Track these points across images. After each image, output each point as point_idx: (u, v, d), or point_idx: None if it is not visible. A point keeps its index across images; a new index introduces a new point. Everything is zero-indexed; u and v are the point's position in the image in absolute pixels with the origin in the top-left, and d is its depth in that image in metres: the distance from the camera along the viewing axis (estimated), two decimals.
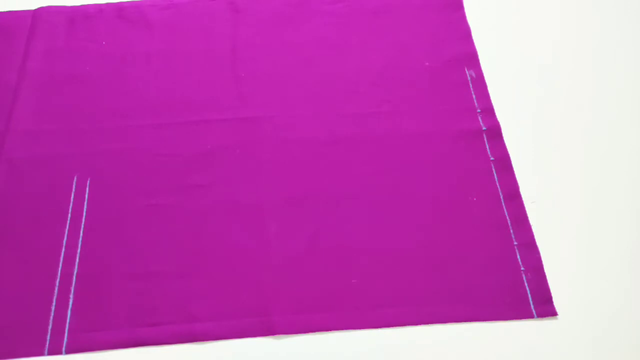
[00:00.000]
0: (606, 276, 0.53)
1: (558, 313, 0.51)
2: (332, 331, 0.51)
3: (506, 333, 0.51)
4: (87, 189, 0.59)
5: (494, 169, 0.60)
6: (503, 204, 0.57)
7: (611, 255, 0.55)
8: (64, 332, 0.51)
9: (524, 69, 0.68)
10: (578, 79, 0.67)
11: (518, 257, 0.54)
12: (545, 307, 0.51)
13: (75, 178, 0.60)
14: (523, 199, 0.58)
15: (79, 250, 0.56)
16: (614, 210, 0.57)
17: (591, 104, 0.65)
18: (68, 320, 0.52)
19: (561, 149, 0.62)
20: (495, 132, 0.62)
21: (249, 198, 0.59)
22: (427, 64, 0.68)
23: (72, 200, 0.59)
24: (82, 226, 0.57)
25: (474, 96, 0.65)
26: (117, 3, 0.74)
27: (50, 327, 0.52)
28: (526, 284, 0.53)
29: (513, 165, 0.60)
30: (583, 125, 0.63)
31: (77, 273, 0.55)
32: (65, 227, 0.57)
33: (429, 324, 0.51)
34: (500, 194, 0.58)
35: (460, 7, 0.73)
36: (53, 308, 0.53)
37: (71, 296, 0.53)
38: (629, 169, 0.60)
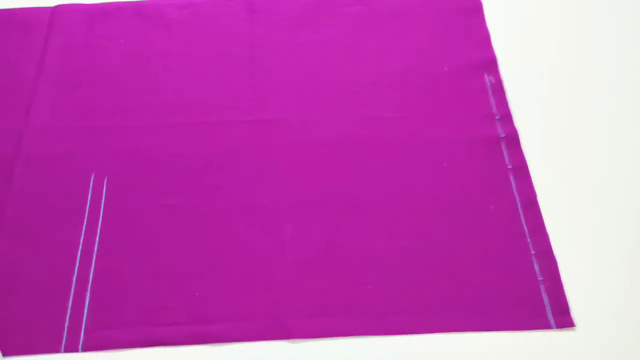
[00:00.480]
0: (624, 286, 0.53)
1: (575, 324, 0.51)
2: (347, 336, 0.51)
3: (523, 343, 0.50)
4: (104, 187, 0.60)
5: (511, 177, 0.59)
6: (520, 212, 0.57)
7: (630, 265, 0.54)
8: (80, 330, 0.52)
9: (543, 76, 0.67)
10: (599, 87, 0.66)
11: (535, 266, 0.54)
12: (563, 318, 0.51)
13: (92, 176, 0.60)
14: (540, 207, 0.57)
15: (95, 249, 0.56)
16: (634, 220, 0.57)
17: (612, 112, 0.64)
18: (84, 319, 0.52)
19: (580, 157, 0.61)
20: (513, 140, 0.62)
21: (264, 200, 0.59)
22: (445, 69, 0.67)
23: (89, 198, 0.59)
24: (99, 225, 0.57)
25: (492, 102, 0.65)
26: (136, 2, 0.74)
27: (66, 324, 0.52)
28: (544, 294, 0.52)
29: (530, 173, 0.59)
30: (603, 134, 0.63)
31: (93, 272, 0.55)
32: (83, 226, 0.57)
33: (445, 332, 0.51)
34: (518, 202, 0.58)
35: (479, 12, 0.72)
36: (70, 306, 0.53)
37: (87, 294, 0.54)
38: None
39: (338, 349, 0.51)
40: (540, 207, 0.57)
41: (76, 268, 0.55)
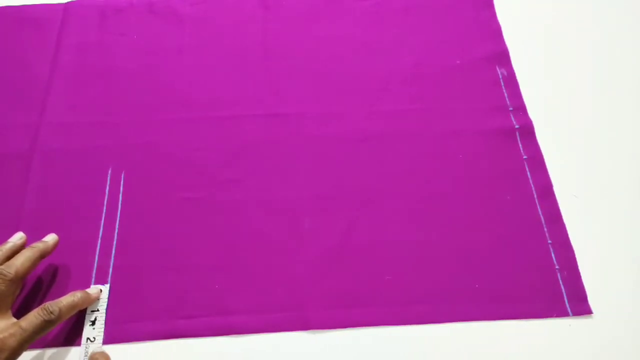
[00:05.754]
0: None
1: (593, 311, 0.51)
2: (365, 327, 0.52)
3: (541, 331, 0.51)
4: (122, 181, 0.60)
5: (527, 167, 0.60)
6: (537, 202, 0.57)
7: None
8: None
9: (556, 67, 0.68)
10: (611, 76, 0.67)
11: (552, 255, 0.54)
12: (580, 306, 0.52)
13: (109, 170, 0.61)
14: (557, 197, 0.58)
15: (114, 243, 0.56)
16: None
17: (625, 102, 0.65)
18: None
19: (594, 147, 0.62)
20: (527, 130, 0.62)
21: (282, 193, 0.59)
22: (458, 62, 0.68)
23: (107, 192, 0.59)
24: (118, 218, 0.58)
25: (505, 94, 0.65)
26: None
27: None
28: (561, 283, 0.53)
29: (546, 164, 0.60)
30: (616, 123, 0.63)
31: (113, 265, 0.55)
32: (101, 220, 0.58)
33: (463, 322, 0.52)
34: (534, 192, 0.58)
35: (490, 5, 0.73)
36: None
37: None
38: None
39: (357, 340, 0.51)
40: (556, 196, 0.58)
41: (95, 262, 0.55)
